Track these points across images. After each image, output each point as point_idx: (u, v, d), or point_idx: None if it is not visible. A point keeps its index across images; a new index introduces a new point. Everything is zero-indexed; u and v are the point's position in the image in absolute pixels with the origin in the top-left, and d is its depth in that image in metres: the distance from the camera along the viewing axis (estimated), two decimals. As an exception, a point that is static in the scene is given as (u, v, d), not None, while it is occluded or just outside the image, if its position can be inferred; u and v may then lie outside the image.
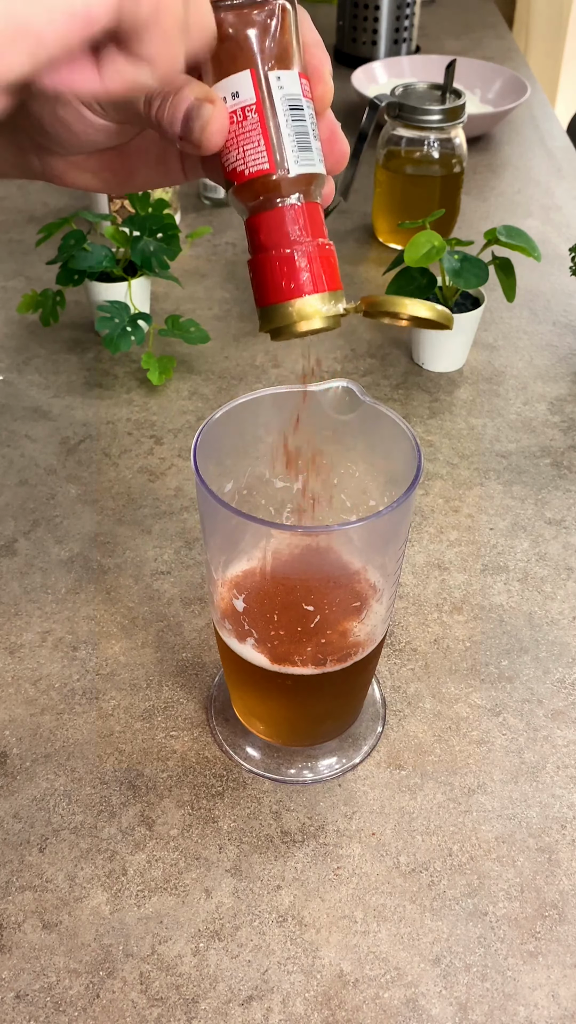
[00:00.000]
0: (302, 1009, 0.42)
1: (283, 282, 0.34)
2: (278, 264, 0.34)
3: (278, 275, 0.34)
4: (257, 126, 0.32)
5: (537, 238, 0.96)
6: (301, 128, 0.33)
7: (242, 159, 0.33)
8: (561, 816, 0.48)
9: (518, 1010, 0.42)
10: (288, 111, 0.32)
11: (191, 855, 0.47)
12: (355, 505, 0.48)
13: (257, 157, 0.32)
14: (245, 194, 0.34)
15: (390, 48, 1.36)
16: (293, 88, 0.33)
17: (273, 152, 0.32)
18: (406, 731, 0.53)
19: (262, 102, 0.32)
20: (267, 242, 0.34)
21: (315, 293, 0.34)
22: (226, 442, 0.43)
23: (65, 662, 0.56)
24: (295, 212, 0.33)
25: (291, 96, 0.33)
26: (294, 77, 0.33)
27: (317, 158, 0.34)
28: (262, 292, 0.34)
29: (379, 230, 0.99)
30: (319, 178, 0.34)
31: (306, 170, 0.33)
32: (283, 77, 0.32)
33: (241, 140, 0.32)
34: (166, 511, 0.66)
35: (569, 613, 0.59)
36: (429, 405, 0.76)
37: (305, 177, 0.33)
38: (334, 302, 0.34)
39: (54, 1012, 0.41)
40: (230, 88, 0.32)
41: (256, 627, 0.44)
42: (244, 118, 0.32)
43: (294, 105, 0.33)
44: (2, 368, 0.80)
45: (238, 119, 0.32)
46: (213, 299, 0.89)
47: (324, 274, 0.34)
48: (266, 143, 0.32)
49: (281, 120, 0.32)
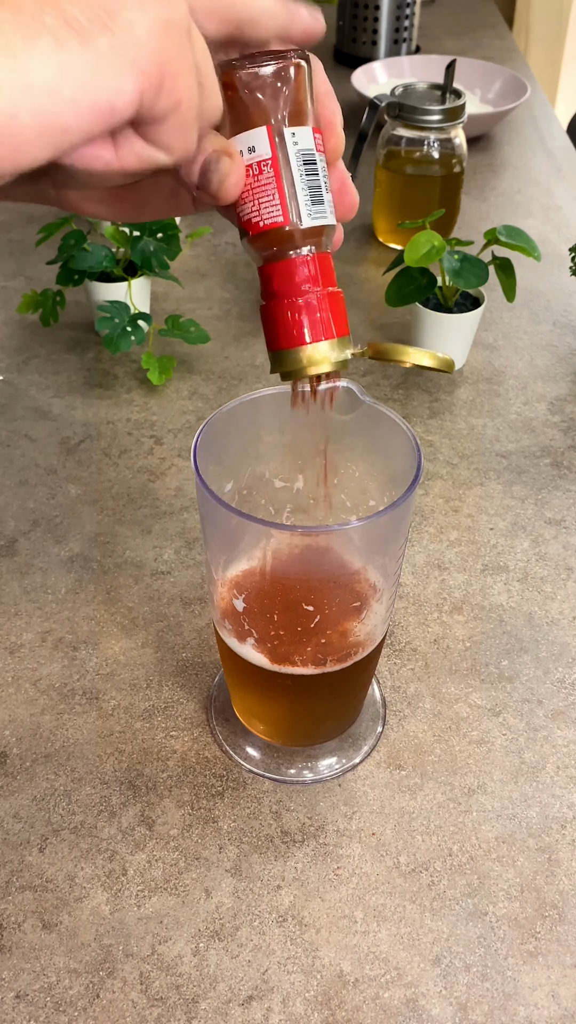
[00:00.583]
0: (302, 1009, 0.42)
1: (294, 330, 0.35)
2: (289, 312, 0.35)
3: (289, 323, 0.35)
4: (272, 181, 0.33)
5: (537, 238, 0.96)
6: (314, 182, 0.34)
7: (257, 211, 0.34)
8: (561, 816, 0.48)
9: (518, 1010, 0.42)
10: (302, 166, 0.34)
11: (191, 855, 0.47)
12: (355, 505, 0.48)
13: (272, 210, 0.34)
14: (259, 244, 0.35)
15: (390, 48, 1.36)
16: (307, 143, 0.34)
17: (287, 206, 0.34)
18: (406, 731, 0.53)
19: (277, 158, 0.33)
20: (279, 290, 0.35)
21: (324, 340, 0.35)
22: (226, 442, 0.43)
23: (65, 662, 0.56)
24: (306, 263, 0.35)
25: (305, 151, 0.34)
26: (308, 133, 0.34)
27: (328, 210, 0.35)
28: (273, 338, 0.36)
29: (379, 230, 0.99)
30: (330, 229, 0.35)
31: (318, 223, 0.34)
32: (297, 133, 0.34)
33: (256, 193, 0.34)
34: (166, 511, 0.66)
35: (569, 613, 0.59)
36: (429, 405, 0.76)
37: (317, 229, 0.35)
38: (342, 348, 0.36)
39: (54, 1012, 0.41)
40: (247, 142, 0.33)
41: (256, 627, 0.44)
42: (260, 172, 0.33)
43: (308, 160, 0.34)
44: (2, 368, 0.80)
45: (254, 173, 0.33)
46: (213, 299, 0.89)
47: (333, 321, 0.36)
48: (280, 197, 0.34)
49: (295, 175, 0.34)
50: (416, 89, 0.90)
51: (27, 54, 0.24)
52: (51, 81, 0.25)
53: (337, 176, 0.37)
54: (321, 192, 0.35)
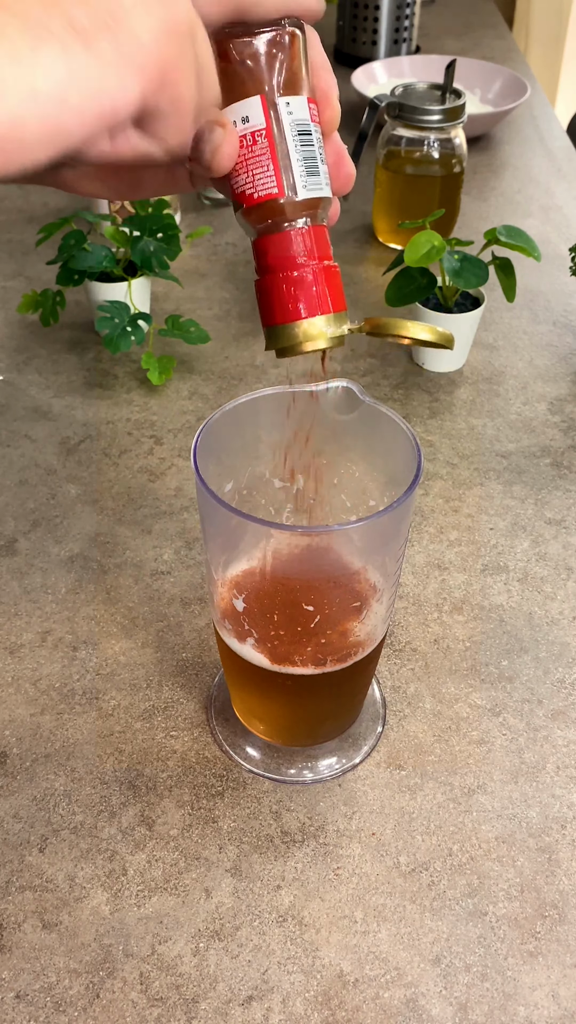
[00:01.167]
0: (302, 1009, 0.42)
1: (289, 304, 0.35)
2: (284, 286, 0.34)
3: (284, 297, 0.35)
4: (267, 151, 0.33)
5: (537, 238, 0.96)
6: (309, 153, 0.34)
7: (251, 183, 0.33)
8: (561, 816, 0.48)
9: (518, 1010, 0.42)
10: (297, 136, 0.33)
11: (191, 855, 0.47)
12: (355, 505, 0.48)
13: (266, 181, 0.33)
14: (253, 216, 0.34)
15: (390, 48, 1.36)
16: (302, 113, 0.33)
17: (282, 176, 0.33)
18: (406, 731, 0.53)
19: (271, 127, 0.33)
20: (274, 264, 0.35)
21: (320, 315, 0.35)
22: (226, 442, 0.43)
23: (65, 662, 0.56)
24: (302, 235, 0.34)
25: (300, 121, 0.33)
26: (303, 103, 0.33)
27: (324, 182, 0.34)
28: (268, 313, 0.35)
29: (379, 230, 0.99)
30: (326, 201, 0.35)
31: (313, 194, 0.34)
32: (292, 103, 0.33)
33: (251, 164, 0.33)
34: (166, 511, 0.66)
35: (569, 613, 0.59)
36: (429, 405, 0.76)
37: (312, 201, 0.34)
38: (338, 323, 0.35)
39: (54, 1012, 0.41)
40: (240, 113, 0.33)
41: (256, 627, 0.44)
42: (254, 143, 0.33)
43: (302, 130, 0.33)
44: (2, 368, 0.80)
45: (248, 143, 0.33)
46: (213, 299, 0.89)
47: (329, 296, 0.35)
48: (275, 167, 0.33)
49: (290, 145, 0.33)
50: (416, 89, 0.90)
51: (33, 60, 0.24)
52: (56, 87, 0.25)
53: (333, 148, 0.36)
54: (316, 163, 0.34)
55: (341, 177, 0.36)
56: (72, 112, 0.26)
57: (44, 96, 0.25)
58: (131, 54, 0.26)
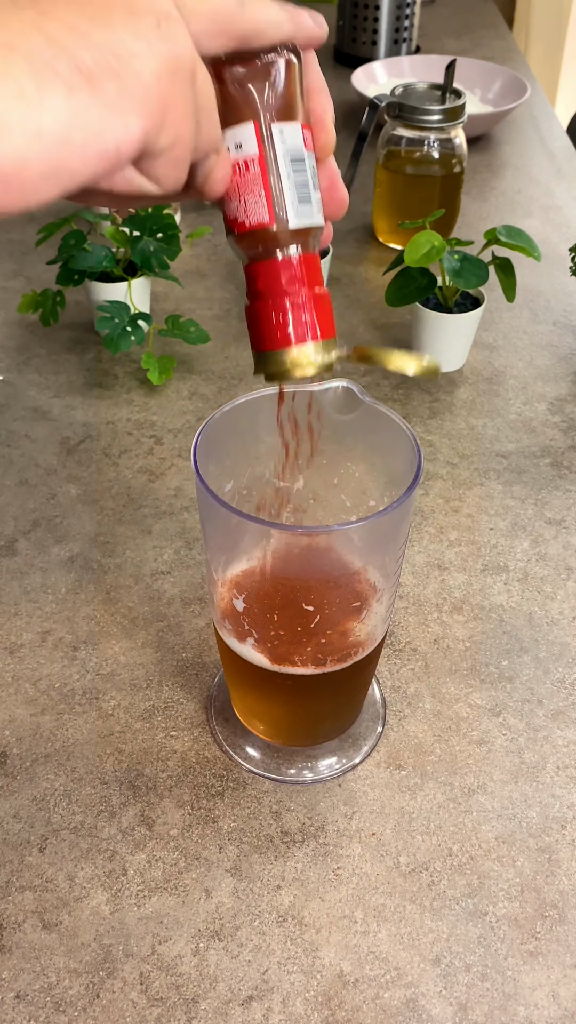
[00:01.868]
0: (302, 1009, 0.42)
1: (278, 331, 0.35)
2: (273, 313, 0.35)
3: (273, 324, 0.35)
4: (259, 179, 0.33)
5: (537, 238, 0.96)
6: (302, 180, 0.34)
7: (243, 209, 0.33)
8: (561, 816, 0.48)
9: (518, 1010, 0.42)
10: (289, 164, 0.33)
11: (191, 855, 0.47)
12: (355, 505, 0.48)
13: (258, 209, 0.33)
14: (244, 243, 0.34)
15: (390, 48, 1.36)
16: (295, 141, 0.33)
17: (273, 205, 0.33)
18: (406, 731, 0.53)
19: (264, 155, 0.33)
20: (264, 291, 0.35)
21: (308, 342, 0.35)
22: (226, 442, 0.43)
23: (65, 662, 0.56)
24: (292, 263, 0.34)
25: (293, 149, 0.33)
26: (296, 130, 0.33)
27: (316, 209, 0.34)
28: (257, 338, 0.36)
29: (379, 230, 0.99)
30: (317, 229, 0.35)
31: (304, 223, 0.34)
32: (285, 131, 0.33)
33: (243, 190, 0.33)
34: (166, 511, 0.66)
35: (569, 613, 0.59)
36: (429, 405, 0.76)
37: (303, 230, 0.34)
38: (327, 350, 0.35)
39: (54, 1012, 0.41)
40: (234, 139, 0.33)
41: (256, 627, 0.44)
42: (247, 170, 0.33)
43: (295, 158, 0.33)
44: (2, 368, 0.80)
45: (241, 170, 0.33)
46: (213, 299, 0.89)
47: (318, 324, 0.35)
48: (267, 196, 0.33)
49: (282, 173, 0.33)
50: (416, 89, 0.90)
51: (39, 100, 0.25)
52: (61, 128, 0.25)
53: (327, 173, 0.36)
54: (309, 191, 0.34)
55: (335, 202, 0.37)
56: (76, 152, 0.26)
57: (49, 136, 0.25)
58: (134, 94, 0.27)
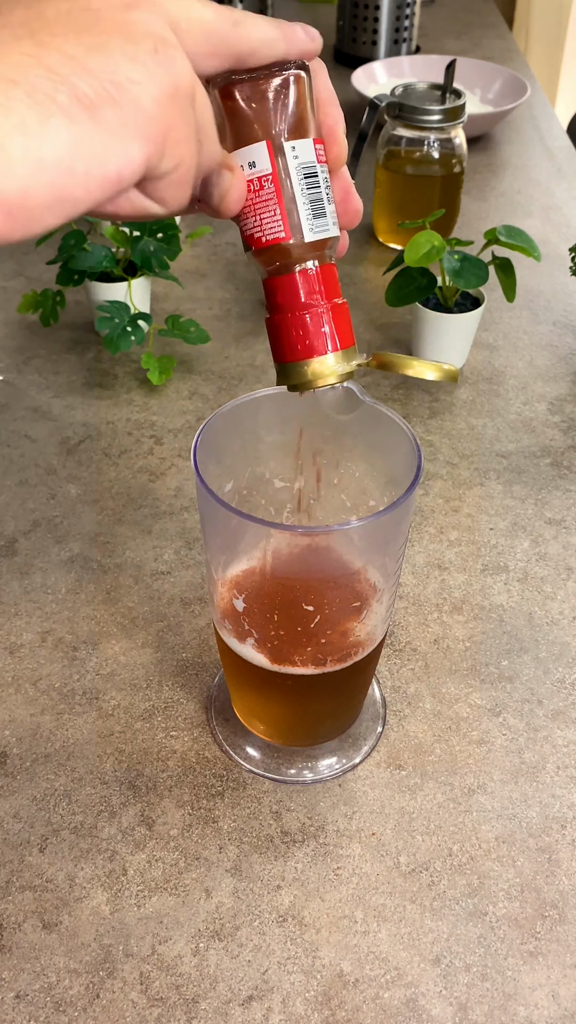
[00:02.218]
0: (302, 1009, 0.42)
1: (298, 344, 0.35)
2: (294, 327, 0.35)
3: (293, 337, 0.35)
4: (273, 196, 0.33)
5: (537, 238, 0.96)
6: (316, 195, 0.34)
7: (259, 226, 0.34)
8: (561, 816, 0.48)
9: (518, 1010, 0.42)
10: (303, 180, 0.34)
11: (191, 855, 0.47)
12: (355, 505, 0.48)
13: (273, 226, 0.34)
14: (262, 259, 0.35)
15: (390, 48, 1.36)
16: (308, 156, 0.34)
17: (288, 221, 0.34)
18: (406, 731, 0.53)
19: (278, 172, 0.33)
20: (283, 304, 0.35)
21: (329, 353, 0.36)
22: (226, 442, 0.43)
23: (65, 662, 0.56)
24: (309, 277, 0.35)
25: (306, 164, 0.34)
26: (308, 145, 0.34)
27: (331, 222, 0.35)
28: (279, 351, 0.36)
29: (379, 230, 0.99)
30: (333, 241, 0.35)
31: (320, 236, 0.35)
32: (298, 147, 0.34)
33: (258, 208, 0.34)
34: (166, 511, 0.66)
35: (569, 613, 0.59)
36: (429, 405, 0.76)
37: (319, 243, 0.35)
38: (347, 359, 0.36)
39: (54, 1012, 0.41)
40: (247, 157, 0.33)
41: (256, 627, 0.44)
42: (261, 187, 0.33)
43: (309, 173, 0.34)
44: (2, 368, 0.80)
45: (255, 188, 0.34)
46: (213, 299, 0.89)
47: (337, 334, 0.36)
48: (282, 212, 0.34)
49: (296, 189, 0.34)
50: (416, 89, 0.90)
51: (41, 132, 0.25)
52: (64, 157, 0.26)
53: (341, 185, 0.37)
54: (323, 205, 0.35)
55: (349, 213, 0.37)
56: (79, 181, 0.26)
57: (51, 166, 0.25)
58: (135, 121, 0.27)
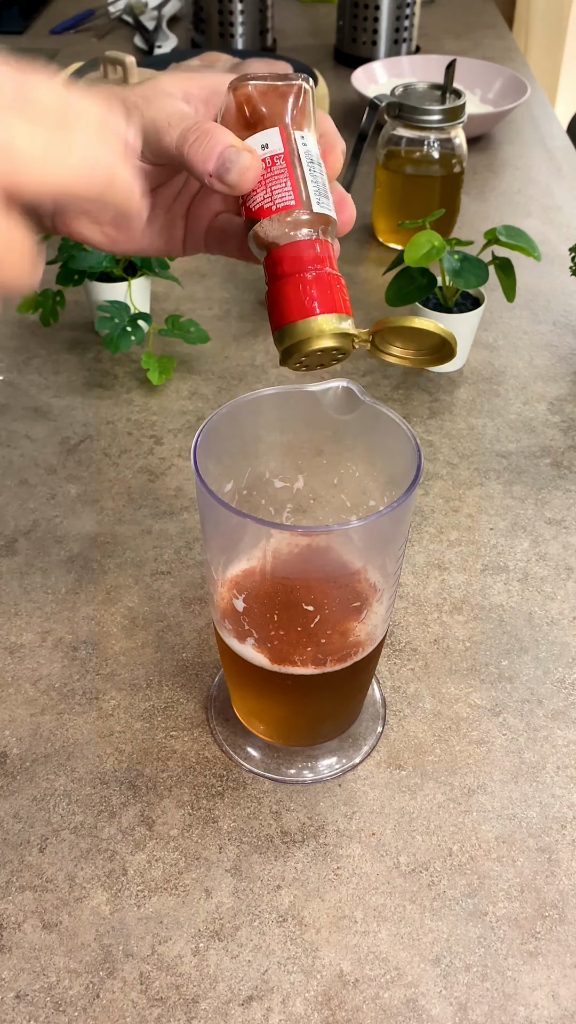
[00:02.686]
0: (302, 1009, 0.42)
1: (304, 300, 0.37)
2: (300, 286, 0.37)
3: (300, 294, 0.37)
4: (284, 171, 0.37)
5: (537, 238, 0.96)
6: (320, 179, 0.38)
7: (270, 198, 0.37)
8: (561, 816, 0.48)
9: (518, 1010, 0.42)
10: (309, 163, 0.38)
11: (191, 855, 0.47)
12: (355, 505, 0.48)
13: (284, 195, 0.37)
14: (271, 228, 0.37)
15: (390, 48, 1.36)
16: (313, 147, 0.38)
17: (299, 191, 0.37)
18: (406, 731, 0.53)
19: (289, 152, 0.37)
20: (289, 270, 0.37)
21: (332, 312, 0.37)
22: (226, 442, 0.43)
23: (65, 662, 0.56)
24: (315, 244, 0.38)
25: (311, 153, 0.38)
26: (313, 139, 0.38)
27: (332, 207, 0.38)
28: (283, 312, 0.37)
29: (379, 230, 0.99)
30: (334, 224, 0.38)
31: (325, 211, 0.38)
32: (306, 136, 0.38)
33: (270, 182, 0.37)
34: (166, 511, 0.66)
35: (569, 613, 0.59)
36: (429, 405, 0.76)
37: (324, 217, 0.38)
38: (348, 323, 0.37)
39: (54, 1012, 0.41)
40: (260, 141, 0.37)
41: (256, 627, 0.44)
42: (272, 165, 0.37)
43: (314, 159, 0.38)
44: (2, 368, 0.80)
45: (267, 166, 0.37)
46: (213, 299, 0.89)
47: (339, 299, 0.37)
48: (292, 183, 0.37)
49: (304, 169, 0.37)
50: (416, 89, 0.90)
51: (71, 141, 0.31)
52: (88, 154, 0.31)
53: (337, 193, 0.40)
54: (325, 190, 0.38)
55: (343, 217, 0.40)
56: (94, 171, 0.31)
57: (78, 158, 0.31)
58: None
